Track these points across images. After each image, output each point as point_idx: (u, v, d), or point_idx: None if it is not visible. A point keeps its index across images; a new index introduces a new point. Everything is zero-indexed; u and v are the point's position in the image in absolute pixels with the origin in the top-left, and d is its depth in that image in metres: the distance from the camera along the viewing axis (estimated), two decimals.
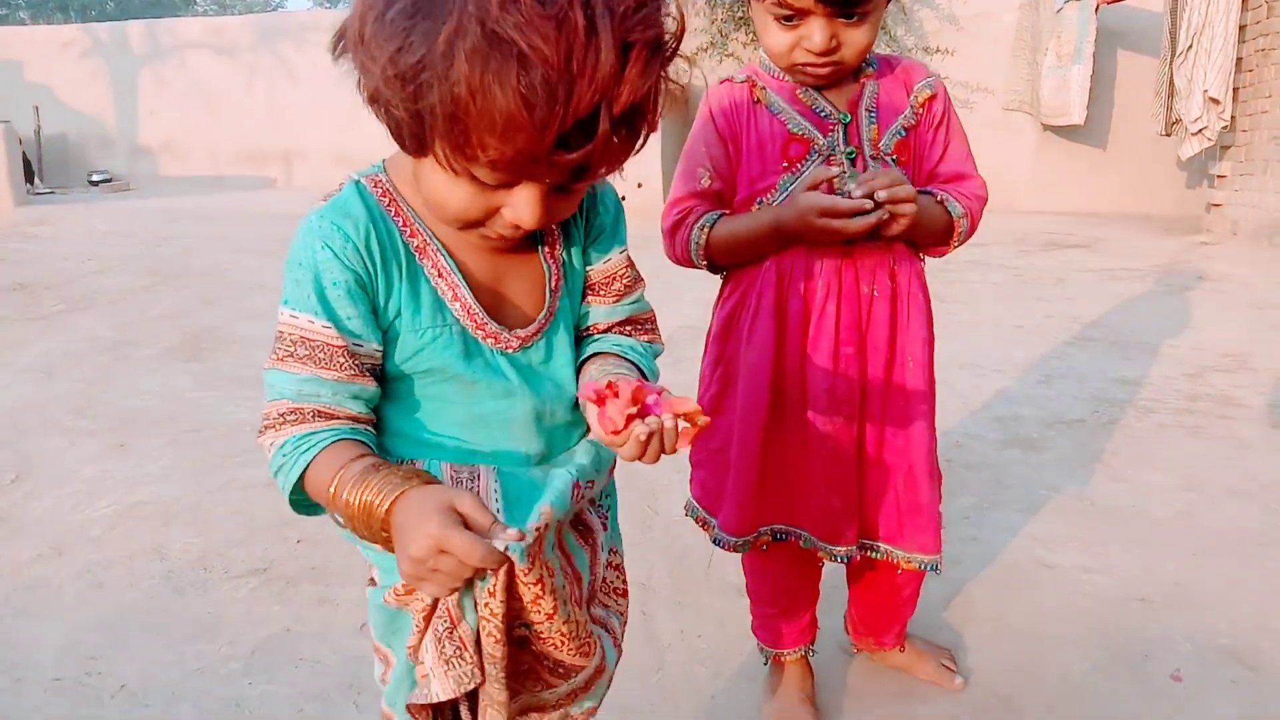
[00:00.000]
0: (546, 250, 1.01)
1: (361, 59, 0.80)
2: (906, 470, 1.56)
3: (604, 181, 1.06)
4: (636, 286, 1.10)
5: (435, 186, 0.86)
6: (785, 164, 1.51)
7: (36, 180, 11.78)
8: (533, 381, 1.00)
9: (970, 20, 10.16)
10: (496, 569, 0.81)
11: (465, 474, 0.97)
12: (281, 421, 0.91)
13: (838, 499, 1.54)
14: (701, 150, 1.55)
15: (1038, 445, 3.10)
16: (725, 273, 1.62)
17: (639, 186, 8.98)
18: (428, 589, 0.81)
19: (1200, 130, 7.55)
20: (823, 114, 1.50)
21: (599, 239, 1.05)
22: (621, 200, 1.10)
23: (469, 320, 0.95)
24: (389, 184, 0.95)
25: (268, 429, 0.92)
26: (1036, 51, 9.38)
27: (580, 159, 0.77)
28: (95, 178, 12.49)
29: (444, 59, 0.73)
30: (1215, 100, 7.35)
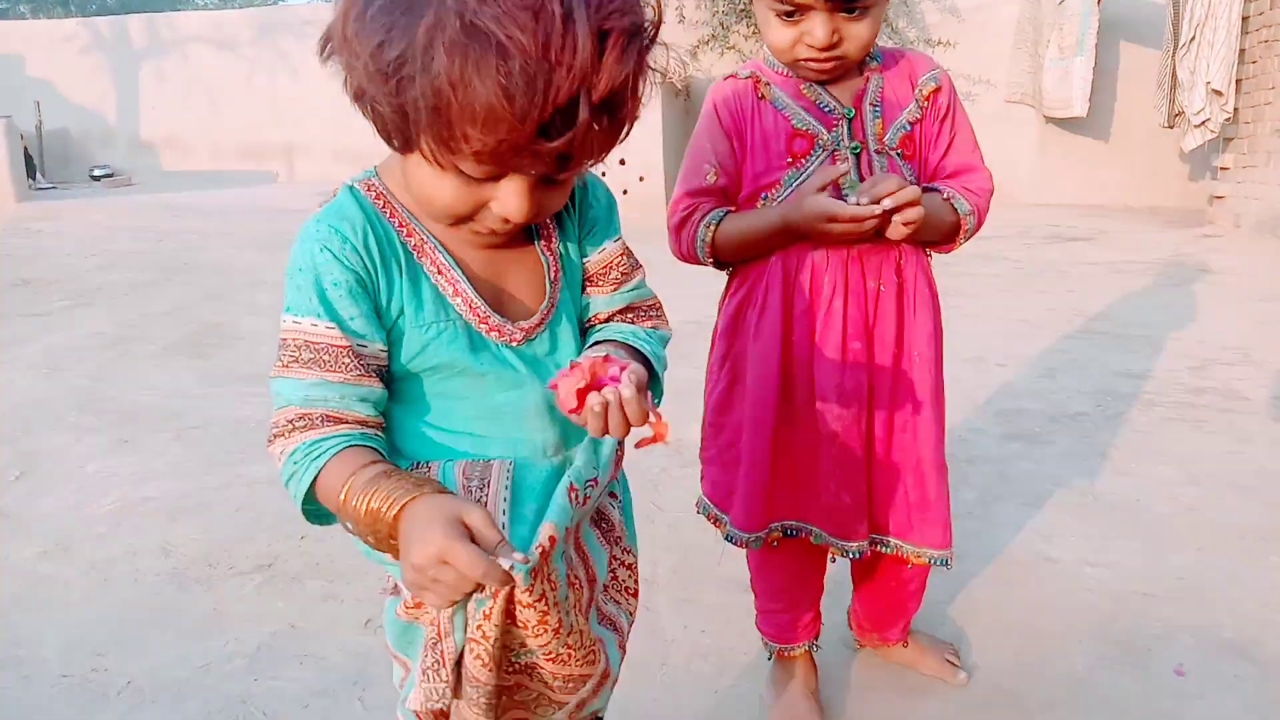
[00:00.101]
0: (543, 244, 1.02)
1: (346, 57, 0.81)
2: (915, 465, 1.56)
3: (596, 175, 1.07)
4: (634, 274, 1.10)
5: (423, 182, 0.87)
6: (789, 159, 1.51)
7: (38, 175, 11.80)
8: (541, 372, 1.00)
9: (972, 12, 10.13)
10: (498, 589, 0.80)
11: (477, 474, 0.97)
12: (290, 429, 0.90)
13: (848, 495, 1.54)
14: (706, 146, 1.55)
15: (1040, 439, 3.10)
16: (731, 269, 1.63)
17: (641, 180, 8.97)
18: (427, 599, 0.80)
19: (1203, 122, 7.53)
20: (827, 109, 1.50)
21: (593, 231, 1.06)
22: (623, 194, 1.11)
23: (472, 314, 0.96)
24: (382, 187, 0.96)
25: (277, 438, 0.91)
26: (1038, 43, 9.35)
27: (562, 147, 0.78)
28: (97, 173, 12.50)
29: (424, 52, 0.74)
30: (1218, 92, 7.33)
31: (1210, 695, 1.78)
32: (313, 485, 0.89)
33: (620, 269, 1.08)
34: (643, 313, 1.11)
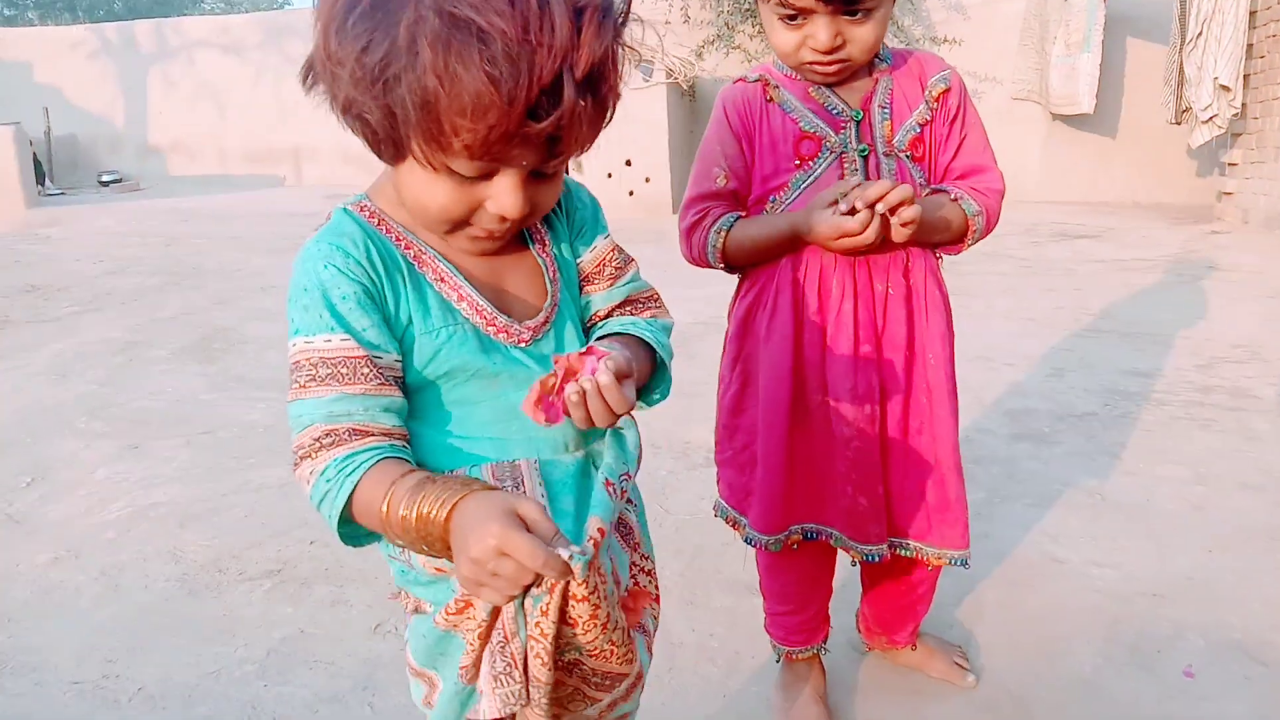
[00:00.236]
0: (538, 248, 1.04)
1: (329, 74, 0.83)
2: (934, 467, 1.55)
3: (577, 181, 1.10)
4: (628, 267, 1.12)
5: (417, 189, 0.88)
6: (797, 161, 1.51)
7: (47, 181, 11.86)
8: (550, 370, 1.01)
9: (977, 9, 10.10)
10: (555, 580, 0.79)
11: (508, 474, 0.97)
12: (317, 447, 0.88)
13: (864, 498, 1.54)
14: (716, 150, 1.56)
15: (1048, 439, 3.09)
16: (741, 272, 1.63)
17: (647, 181, 8.98)
18: (485, 595, 0.79)
19: (1211, 118, 7.50)
20: (835, 111, 1.50)
21: (582, 231, 1.08)
22: (629, 195, 1.12)
23: (479, 317, 0.96)
24: (374, 207, 0.97)
25: (304, 459, 0.89)
26: (1045, 40, 9.32)
27: (550, 128, 0.79)
28: (105, 178, 12.54)
29: (408, 49, 0.76)
30: (1226, 87, 7.30)
31: (1220, 697, 1.78)
32: (348, 503, 0.87)
33: (614, 264, 1.10)
34: (641, 304, 1.13)
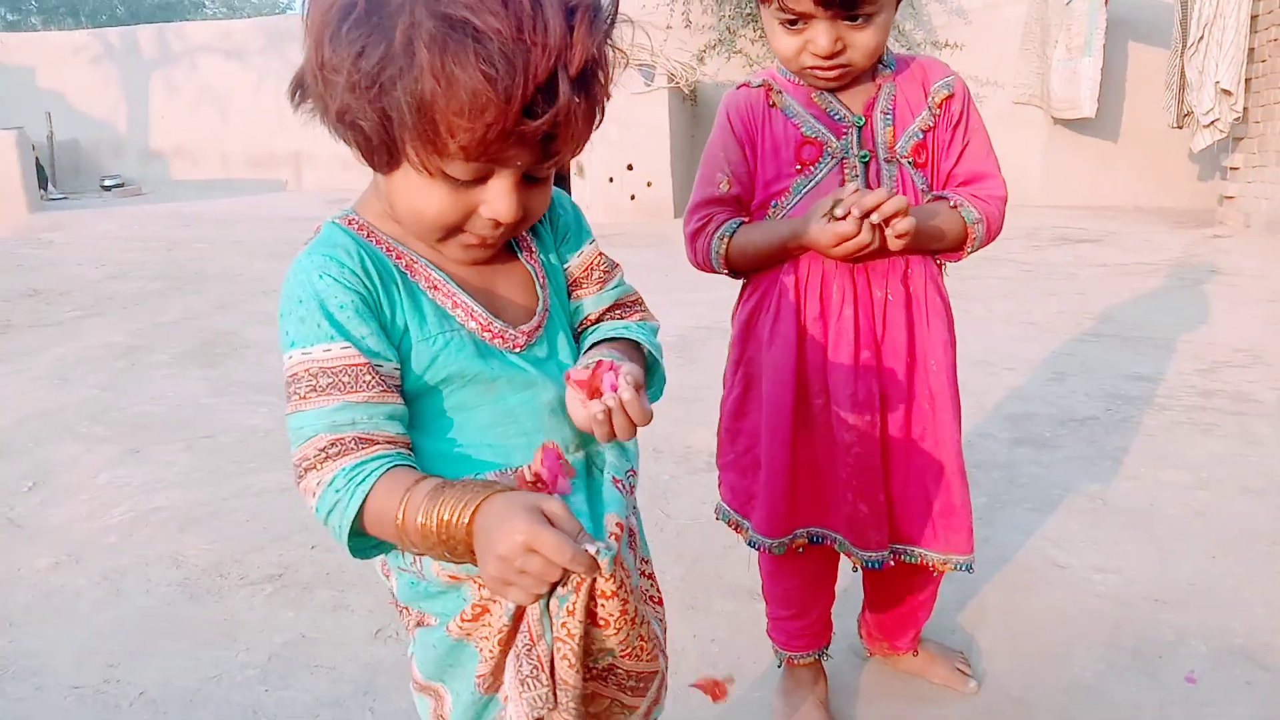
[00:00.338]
0: (526, 255, 1.05)
1: (323, 84, 0.84)
2: (938, 472, 1.55)
3: (559, 190, 1.10)
4: (614, 272, 1.13)
5: (411, 196, 0.89)
6: (798, 167, 1.52)
7: (50, 186, 11.88)
8: (546, 373, 1.02)
9: (979, 13, 10.12)
10: (583, 575, 0.79)
11: (510, 480, 0.97)
12: (323, 457, 0.87)
13: (865, 504, 1.54)
14: (720, 155, 1.56)
15: (1050, 444, 3.09)
16: (746, 276, 1.63)
17: (649, 185, 8.98)
18: (512, 595, 0.79)
19: (1212, 122, 7.51)
20: (837, 117, 1.50)
21: (567, 237, 1.10)
22: (631, 199, 1.13)
23: (474, 322, 0.97)
24: (362, 220, 0.98)
25: (308, 470, 0.88)
26: (1046, 44, 9.33)
27: (547, 126, 0.81)
28: (107, 183, 12.57)
29: (405, 51, 0.77)
30: (1227, 91, 7.30)
31: (1222, 702, 1.77)
32: (358, 513, 0.86)
33: (601, 268, 1.11)
34: (628, 307, 1.14)
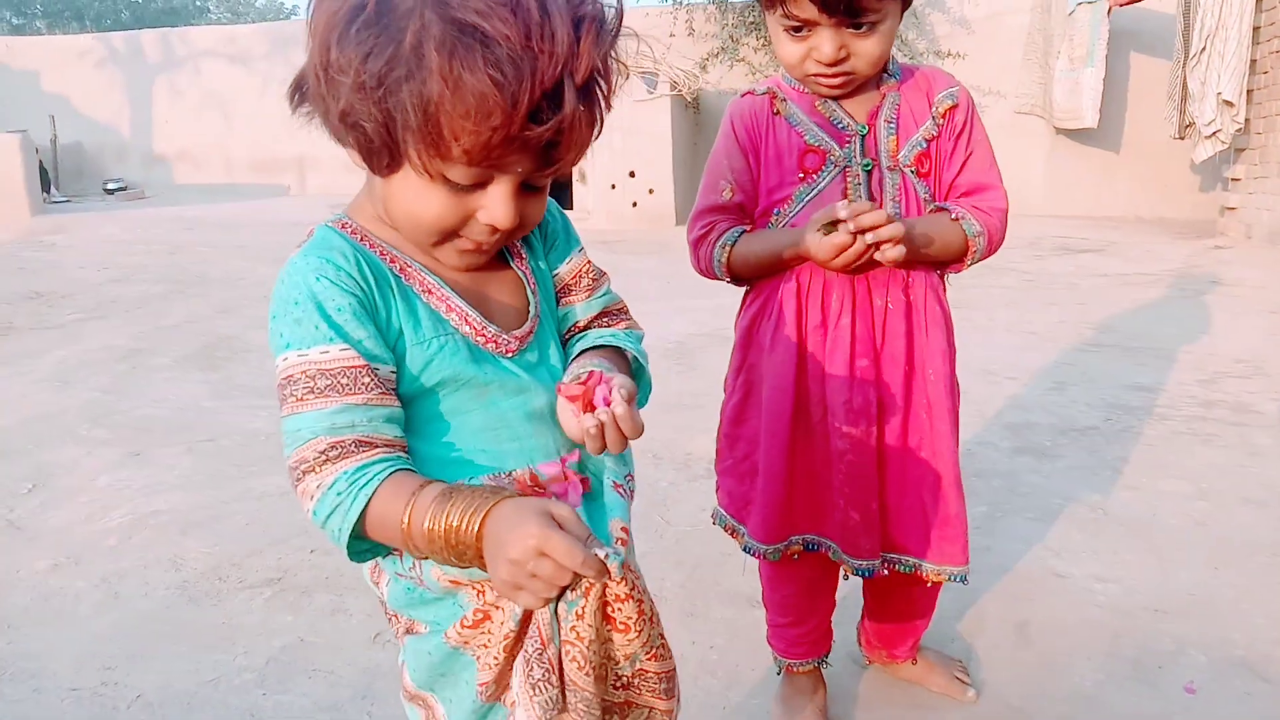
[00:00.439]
0: (517, 262, 1.06)
1: (326, 85, 0.84)
2: (934, 483, 1.55)
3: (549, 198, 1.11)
4: (602, 280, 1.15)
5: (410, 199, 0.89)
6: (801, 175, 1.52)
7: (53, 189, 11.89)
8: (538, 378, 1.02)
9: (981, 23, 10.13)
10: (593, 579, 0.80)
11: (506, 485, 0.97)
12: (323, 460, 0.86)
13: (856, 512, 1.54)
14: (724, 163, 1.56)
15: (1050, 453, 3.09)
16: (749, 284, 1.64)
17: (650, 193, 9.00)
18: (522, 599, 0.79)
19: (1214, 133, 7.51)
20: (840, 125, 1.51)
21: (555, 244, 1.11)
22: (633, 206, 1.13)
23: (468, 326, 0.97)
24: (355, 224, 0.98)
25: (307, 474, 0.87)
26: (1048, 54, 9.34)
27: (551, 133, 0.82)
28: (110, 186, 12.58)
29: (414, 53, 0.78)
30: (1229, 103, 7.31)
31: (1221, 713, 1.77)
32: (360, 517, 0.86)
33: (590, 275, 1.13)
34: (615, 315, 1.15)
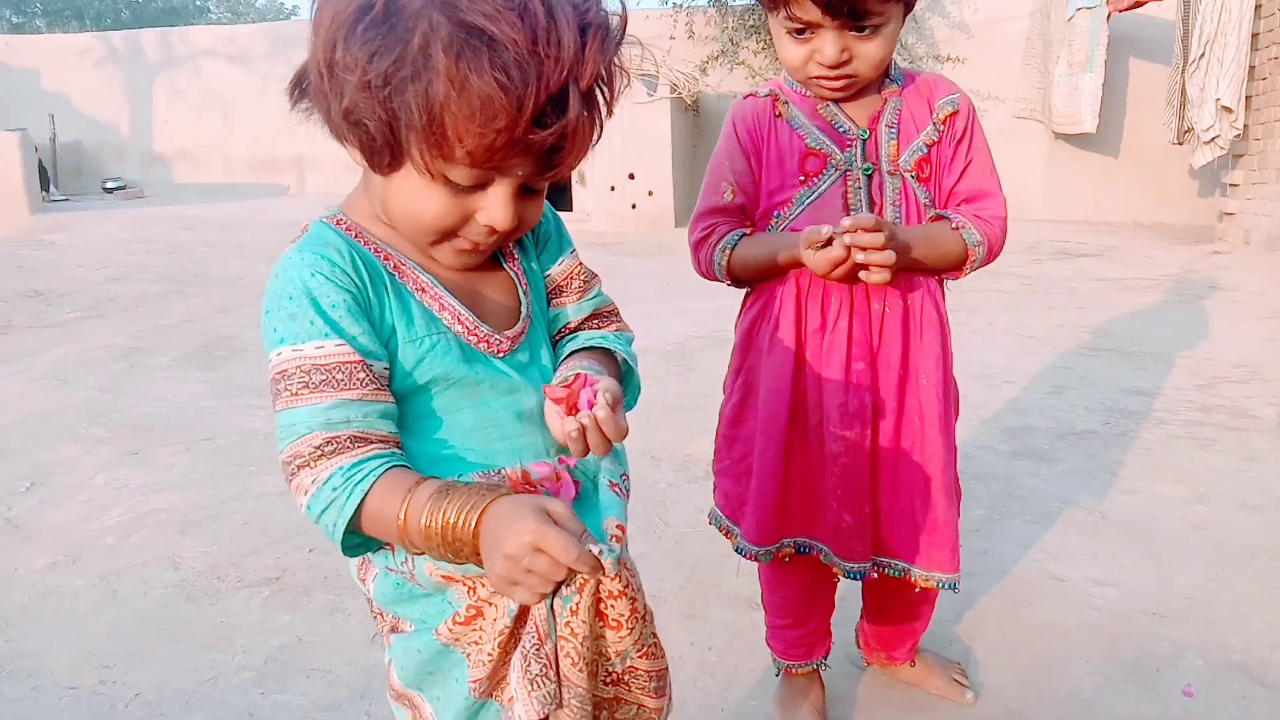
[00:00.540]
0: (509, 264, 1.06)
1: (330, 83, 0.85)
2: (924, 487, 1.55)
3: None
4: (594, 283, 1.15)
5: (409, 198, 0.90)
6: (802, 178, 1.52)
7: (52, 188, 11.88)
8: (529, 379, 1.03)
9: (981, 28, 10.15)
10: (588, 575, 0.81)
11: (497, 481, 0.97)
12: (318, 455, 0.87)
13: (849, 514, 1.54)
14: (725, 165, 1.57)
15: (1048, 457, 3.09)
16: (750, 286, 1.64)
17: (649, 195, 9.00)
18: (518, 594, 0.81)
19: (1213, 139, 7.52)
20: (841, 129, 1.51)
21: (547, 246, 1.12)
22: (632, 208, 1.14)
23: (460, 326, 0.98)
24: (350, 221, 0.99)
25: (301, 468, 0.87)
26: (1048, 59, 9.36)
27: (554, 137, 0.83)
28: (110, 185, 12.57)
29: (421, 54, 0.79)
30: (1228, 109, 7.32)
31: (1219, 717, 1.77)
32: (355, 512, 0.86)
33: (581, 277, 1.13)
34: (606, 318, 1.16)
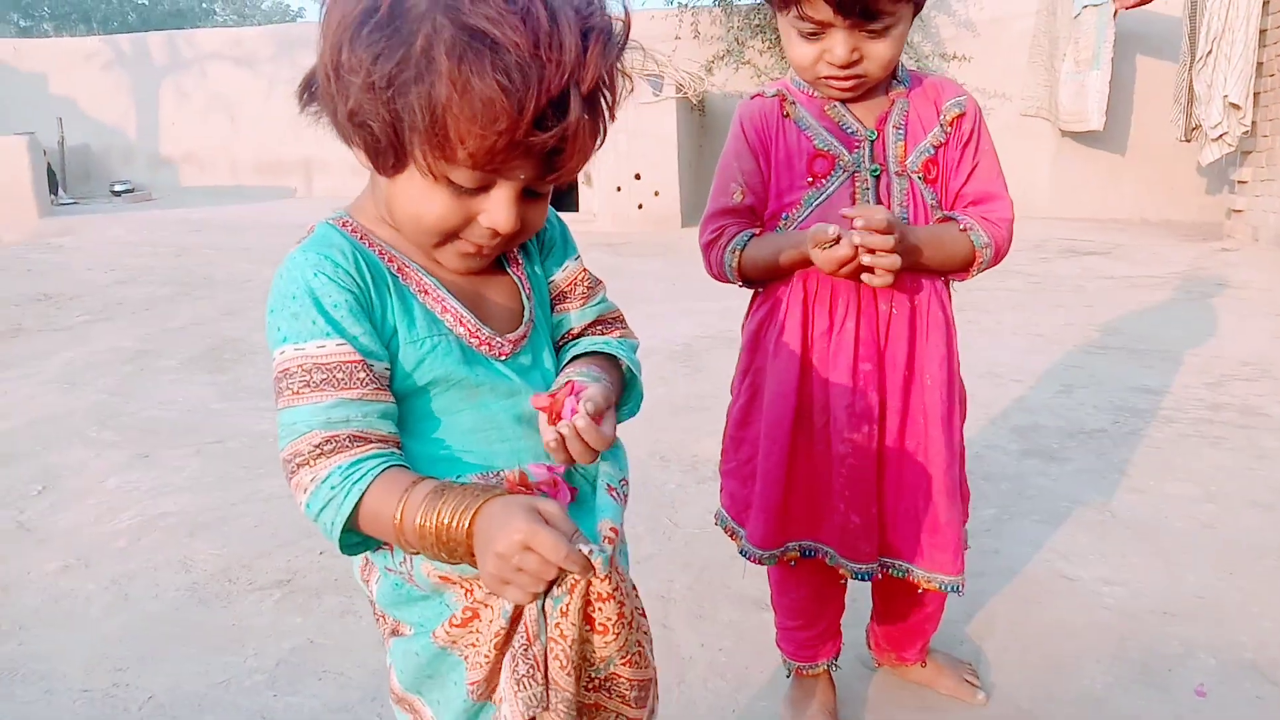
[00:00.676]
0: (513, 269, 1.07)
1: (337, 85, 0.86)
2: (926, 489, 1.55)
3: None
4: (598, 289, 1.15)
5: (412, 200, 0.90)
6: (810, 179, 1.52)
7: (60, 191, 11.93)
8: (530, 382, 1.03)
9: (987, 26, 10.13)
10: (578, 575, 0.82)
11: (495, 482, 0.98)
12: (317, 454, 0.88)
13: (856, 515, 1.54)
14: (734, 165, 1.57)
15: (1058, 456, 3.08)
16: (762, 286, 1.64)
17: (655, 195, 9.00)
18: (510, 593, 0.81)
19: (1220, 136, 7.49)
20: (849, 130, 1.51)
21: (552, 251, 1.12)
22: (639, 208, 1.14)
23: (462, 328, 0.98)
24: (355, 223, 1.00)
25: (301, 467, 0.88)
26: (1054, 57, 9.33)
27: (555, 140, 0.84)
28: (117, 188, 12.61)
29: (424, 56, 0.80)
30: (1236, 105, 7.29)
31: (1232, 716, 1.77)
32: (353, 511, 0.87)
33: (585, 283, 1.13)
34: (610, 324, 1.16)
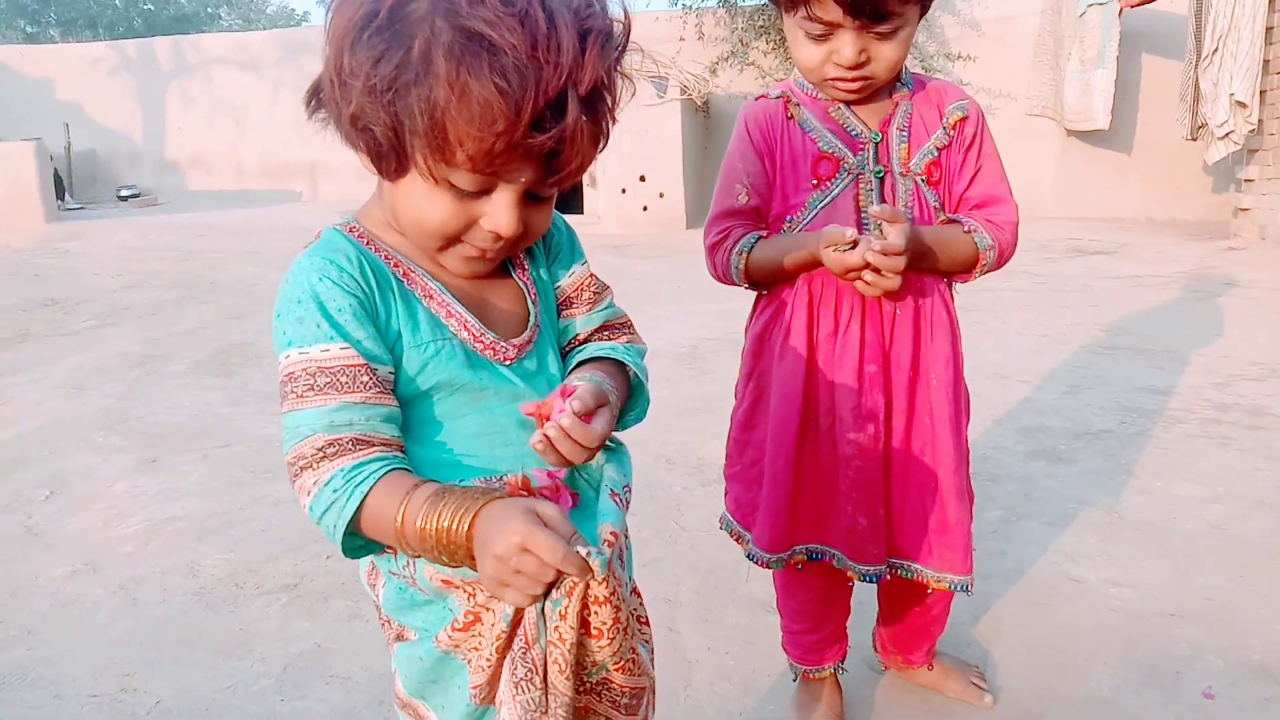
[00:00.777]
0: (519, 273, 1.07)
1: (339, 89, 0.86)
2: (934, 489, 1.55)
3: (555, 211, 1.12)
4: (605, 294, 1.15)
5: (415, 203, 0.91)
6: (814, 181, 1.52)
7: (67, 196, 11.97)
8: (535, 387, 1.03)
9: (992, 25, 10.11)
10: (576, 578, 0.82)
11: (497, 487, 0.98)
12: (320, 457, 0.89)
13: (864, 517, 1.54)
14: (739, 167, 1.57)
15: (1065, 457, 3.08)
16: (766, 288, 1.64)
17: (660, 196, 9.01)
18: (509, 596, 0.81)
19: (1227, 134, 7.47)
20: (854, 132, 1.51)
21: (558, 256, 1.12)
22: (643, 210, 1.13)
23: (466, 332, 0.99)
24: (362, 228, 1.00)
25: (304, 470, 0.89)
26: (1059, 56, 9.32)
27: (553, 142, 0.84)
28: (124, 193, 12.66)
29: (422, 59, 0.81)
30: (1242, 104, 7.27)
31: (1240, 719, 1.76)
32: (355, 514, 0.88)
33: (592, 289, 1.14)
34: (617, 329, 1.16)
